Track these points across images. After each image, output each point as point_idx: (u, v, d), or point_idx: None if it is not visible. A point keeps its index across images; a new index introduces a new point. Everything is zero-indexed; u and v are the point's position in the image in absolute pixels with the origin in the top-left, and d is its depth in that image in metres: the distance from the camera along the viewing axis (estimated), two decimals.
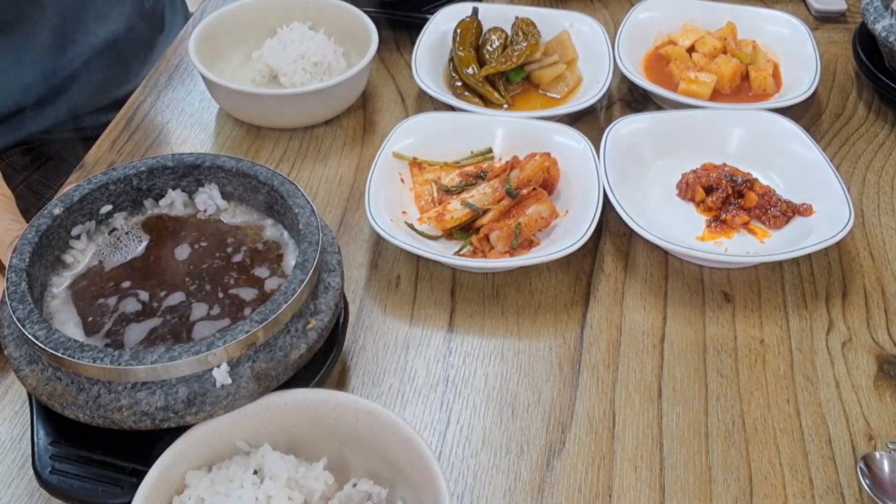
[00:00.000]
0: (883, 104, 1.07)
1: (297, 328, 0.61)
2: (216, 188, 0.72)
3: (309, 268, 0.62)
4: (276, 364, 0.59)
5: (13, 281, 0.60)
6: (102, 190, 0.69)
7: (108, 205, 0.70)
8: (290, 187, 0.69)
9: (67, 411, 0.57)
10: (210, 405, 0.57)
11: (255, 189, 0.71)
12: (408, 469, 0.59)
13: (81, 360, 0.55)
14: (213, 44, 1.03)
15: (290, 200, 0.68)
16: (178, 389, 0.57)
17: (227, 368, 0.57)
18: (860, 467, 0.67)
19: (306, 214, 0.66)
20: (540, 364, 0.76)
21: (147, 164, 0.71)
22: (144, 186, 0.71)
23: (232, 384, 0.57)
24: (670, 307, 0.81)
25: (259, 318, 0.58)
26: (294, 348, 0.60)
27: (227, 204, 0.73)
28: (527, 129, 0.94)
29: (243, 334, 0.57)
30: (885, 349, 0.78)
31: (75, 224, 0.68)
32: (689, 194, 0.91)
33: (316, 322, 0.62)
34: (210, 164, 0.71)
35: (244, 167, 0.71)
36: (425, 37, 1.07)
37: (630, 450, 0.69)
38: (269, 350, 0.59)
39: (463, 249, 0.84)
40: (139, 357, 0.56)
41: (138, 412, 0.57)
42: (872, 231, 0.89)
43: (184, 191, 0.73)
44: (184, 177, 0.72)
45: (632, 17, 1.12)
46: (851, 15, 1.23)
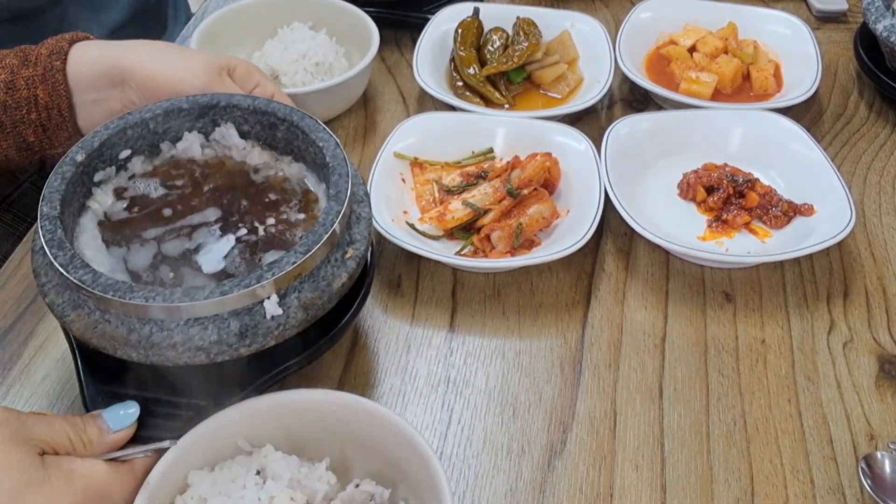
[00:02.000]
0: (884, 104, 1.07)
1: (336, 258, 0.62)
2: (233, 127, 0.72)
3: (343, 198, 0.63)
4: (320, 293, 0.60)
5: (48, 229, 0.60)
6: (120, 134, 0.68)
7: (127, 149, 0.70)
8: (310, 122, 0.69)
9: (119, 352, 0.58)
10: (262, 336, 0.58)
11: (273, 126, 0.71)
12: (410, 469, 0.59)
13: (133, 300, 0.55)
14: (215, 44, 1.03)
15: (313, 135, 0.68)
16: (230, 323, 0.57)
17: (277, 300, 0.58)
18: (861, 467, 0.67)
19: (331, 147, 0.67)
20: (541, 364, 0.76)
21: (162, 106, 0.70)
22: (161, 129, 0.71)
23: (282, 314, 0.58)
24: (671, 307, 0.81)
25: (302, 249, 0.59)
26: (336, 277, 0.61)
27: (245, 143, 0.72)
28: (528, 129, 0.94)
29: (290, 265, 0.58)
30: (886, 349, 0.78)
31: (96, 170, 0.68)
32: (690, 194, 0.91)
33: (353, 251, 0.63)
34: (226, 104, 0.71)
35: (260, 104, 0.71)
36: (426, 37, 1.07)
37: (631, 450, 0.69)
38: (313, 280, 0.60)
39: (464, 249, 0.84)
40: (191, 294, 0.56)
41: (192, 348, 0.57)
42: (874, 231, 0.89)
43: (200, 132, 0.72)
44: (199, 118, 0.72)
45: (633, 16, 1.12)
46: (853, 15, 1.22)
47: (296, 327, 0.60)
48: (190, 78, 0.74)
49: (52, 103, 0.75)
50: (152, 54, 0.76)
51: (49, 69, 0.74)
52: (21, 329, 0.77)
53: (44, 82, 0.74)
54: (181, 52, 0.78)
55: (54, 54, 0.75)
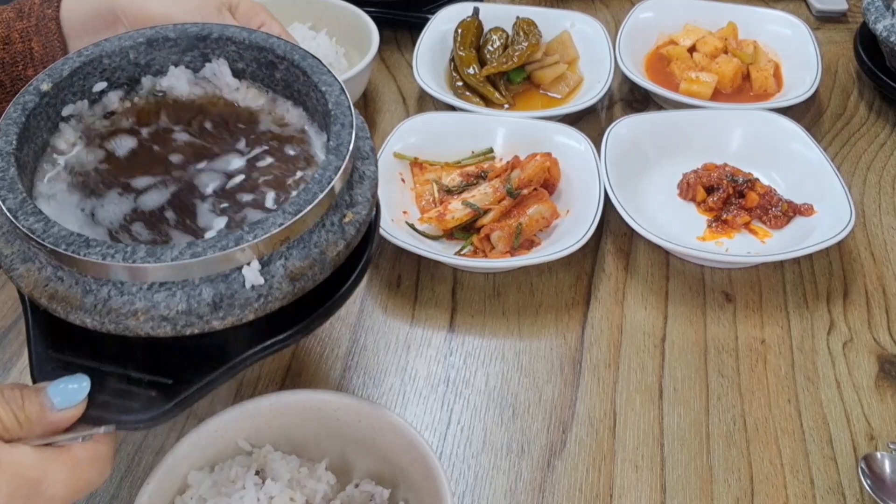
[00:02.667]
0: (884, 104, 1.07)
1: (332, 221, 0.53)
2: (225, 64, 0.63)
3: (344, 153, 0.53)
4: (311, 262, 0.52)
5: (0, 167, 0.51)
6: (95, 63, 0.59)
7: (102, 81, 0.61)
8: (313, 62, 0.60)
9: (72, 316, 0.50)
10: (239, 308, 0.50)
11: (271, 65, 0.62)
12: (410, 470, 0.59)
13: (88, 256, 0.47)
14: None
15: (316, 77, 0.59)
16: (202, 290, 0.49)
17: (259, 266, 0.50)
18: (861, 467, 0.67)
19: (335, 93, 0.57)
20: (541, 364, 0.76)
21: (145, 34, 0.61)
22: (143, 61, 0.62)
23: (264, 284, 0.50)
24: (671, 307, 0.81)
25: (293, 209, 0.50)
26: (331, 244, 0.53)
27: (238, 83, 0.63)
28: (528, 129, 0.94)
29: (276, 227, 0.49)
30: (886, 349, 0.78)
31: (65, 103, 0.59)
32: (690, 194, 0.91)
33: (353, 215, 0.54)
34: (218, 36, 0.62)
35: (258, 39, 0.61)
36: (426, 37, 1.07)
37: (631, 450, 0.69)
38: (303, 246, 0.52)
39: (464, 249, 0.84)
40: (156, 253, 0.47)
41: (156, 317, 0.49)
42: (873, 231, 0.89)
43: (188, 67, 0.63)
44: (187, 51, 0.62)
45: (633, 16, 1.12)
46: (852, 15, 1.23)
47: (279, 300, 0.51)
48: (186, 14, 0.67)
49: (46, 56, 0.69)
50: None
51: (42, 18, 0.69)
52: (21, 329, 0.77)
53: (38, 34, 0.69)
54: None
55: (46, 1, 0.70)
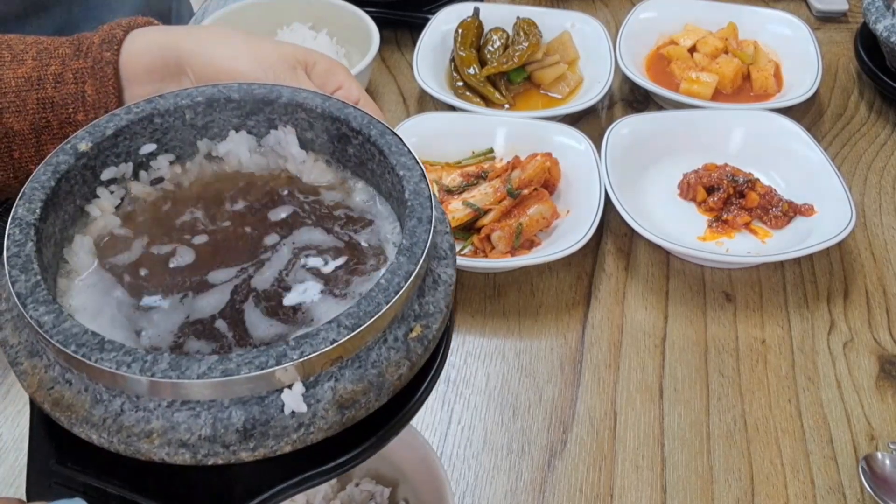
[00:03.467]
0: (884, 104, 1.07)
1: (396, 337, 0.45)
2: (293, 132, 0.55)
3: (418, 254, 0.45)
4: (366, 386, 0.43)
5: (16, 240, 0.44)
6: (145, 123, 0.52)
7: (152, 143, 0.53)
8: (392, 140, 0.51)
9: (77, 429, 0.43)
10: (274, 439, 0.41)
11: (344, 138, 0.54)
12: (410, 470, 0.59)
13: (99, 362, 0.40)
14: None
15: (393, 158, 0.50)
16: (231, 414, 0.42)
17: (302, 390, 0.42)
18: (862, 467, 0.67)
19: (415, 179, 0.48)
20: (541, 364, 0.76)
21: (205, 93, 0.53)
22: (200, 123, 0.54)
23: (307, 412, 0.42)
24: (672, 307, 0.81)
25: (350, 322, 0.41)
26: (392, 364, 0.44)
27: (306, 155, 0.55)
28: (528, 129, 0.94)
29: (328, 344, 0.41)
30: (886, 349, 0.78)
31: (107, 165, 0.51)
32: (690, 194, 0.91)
33: (422, 329, 0.46)
34: (288, 100, 0.54)
35: (332, 107, 0.53)
36: (427, 37, 1.07)
37: (631, 450, 0.69)
38: (358, 366, 0.43)
39: (464, 249, 0.84)
40: (181, 366, 0.41)
41: (174, 441, 0.41)
42: (874, 231, 0.89)
43: (250, 133, 0.55)
44: (252, 114, 0.55)
45: (633, 17, 1.12)
46: (853, 15, 1.22)
47: (324, 430, 0.42)
48: (256, 70, 0.62)
49: (99, 101, 0.64)
50: (216, 40, 0.64)
51: (98, 61, 0.63)
52: None
53: (92, 76, 0.63)
54: (251, 39, 0.65)
55: (106, 43, 0.64)
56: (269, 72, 0.63)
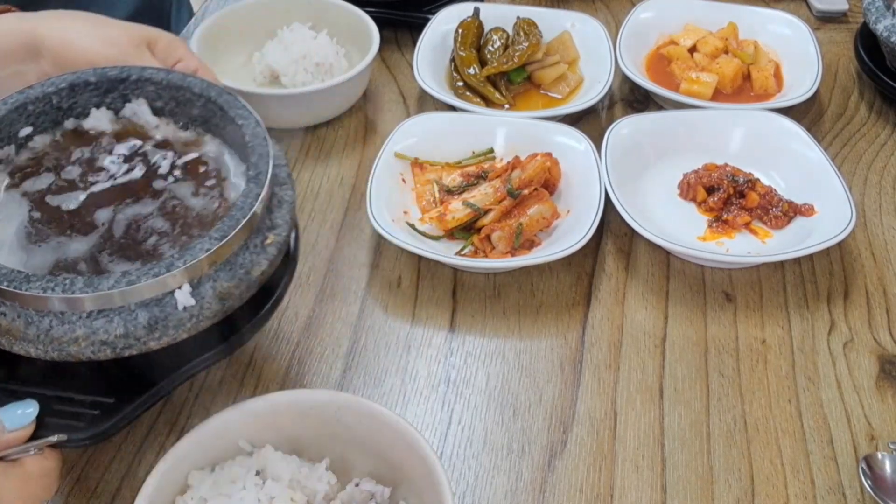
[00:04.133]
0: (885, 104, 1.07)
1: (255, 244, 0.58)
2: (145, 103, 0.67)
3: (263, 180, 0.59)
4: (238, 282, 0.56)
5: None
6: (21, 110, 0.63)
7: (28, 126, 0.65)
8: (228, 98, 0.65)
9: (17, 347, 0.54)
10: (173, 328, 0.54)
11: (188, 102, 0.66)
12: (410, 470, 0.59)
13: (30, 290, 0.51)
14: (215, 44, 1.03)
15: (232, 112, 0.64)
16: (137, 315, 0.53)
17: (189, 289, 0.54)
18: (862, 468, 0.67)
19: (251, 126, 0.63)
20: (541, 364, 0.76)
21: (67, 79, 0.65)
22: (66, 105, 0.66)
23: (195, 305, 0.54)
24: (672, 307, 0.81)
25: (218, 234, 0.55)
26: (255, 265, 0.58)
27: (158, 120, 0.68)
28: (528, 129, 0.94)
29: (203, 252, 0.54)
30: (886, 349, 0.78)
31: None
32: (690, 194, 0.91)
33: (274, 237, 0.59)
34: (137, 77, 0.66)
35: (175, 79, 0.66)
36: (427, 37, 1.07)
37: (631, 450, 0.69)
38: (230, 268, 0.56)
39: (464, 249, 0.84)
40: (94, 284, 0.52)
41: (97, 342, 0.53)
42: (874, 231, 0.89)
43: (109, 108, 0.67)
44: (108, 92, 0.66)
45: (633, 17, 1.12)
46: (853, 15, 1.22)
47: (210, 318, 0.56)
48: (106, 49, 0.69)
49: None
50: (68, 24, 0.71)
51: None
52: None
53: None
54: (100, 22, 0.73)
55: None
56: (119, 51, 0.70)
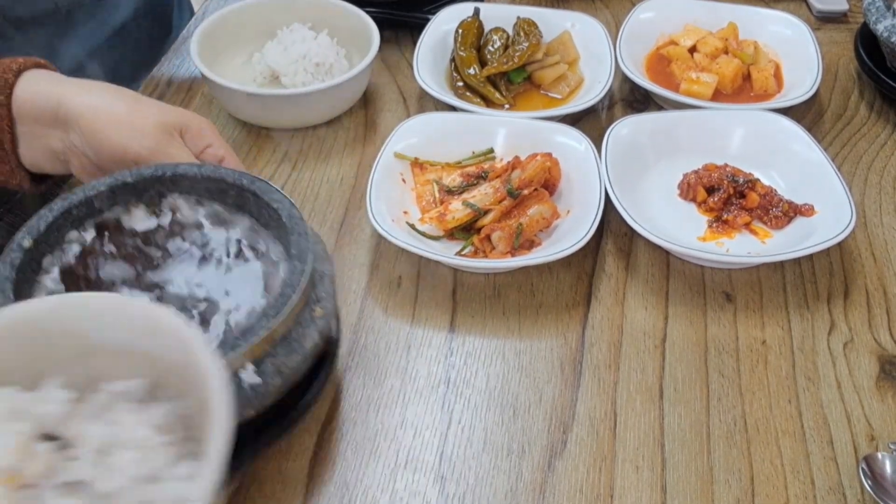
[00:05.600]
0: (885, 104, 1.07)
1: (305, 318, 0.61)
2: (180, 197, 0.70)
3: (305, 257, 0.62)
4: (294, 356, 0.59)
5: None
6: (66, 216, 0.66)
7: (73, 230, 0.67)
8: (261, 185, 0.67)
9: None
10: (241, 408, 0.56)
11: (222, 192, 0.69)
12: (169, 358, 0.51)
13: None
14: (215, 44, 1.03)
15: (266, 197, 0.67)
16: None
17: (253, 368, 0.57)
18: (862, 468, 0.67)
19: (286, 208, 0.66)
20: (541, 364, 0.76)
21: (106, 182, 0.67)
22: (106, 206, 0.68)
23: (260, 383, 0.57)
24: (672, 307, 0.81)
25: (274, 311, 0.58)
26: (308, 337, 0.61)
27: (193, 211, 0.71)
28: (528, 130, 0.94)
29: (264, 331, 0.57)
30: (886, 350, 0.78)
31: (44, 255, 0.65)
32: (690, 194, 0.91)
33: (321, 309, 0.63)
34: (172, 174, 0.69)
35: (208, 172, 0.69)
36: (427, 37, 1.07)
37: (631, 450, 0.69)
38: (286, 343, 0.59)
39: (464, 250, 0.84)
40: None
41: None
42: (874, 231, 0.89)
43: (146, 205, 0.70)
44: (145, 191, 0.69)
45: (633, 17, 1.12)
46: (853, 15, 1.22)
47: (274, 394, 0.59)
48: (137, 140, 0.71)
49: None
50: (101, 105, 0.73)
51: None
52: None
53: None
54: (132, 107, 0.74)
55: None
56: (150, 141, 0.72)
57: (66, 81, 0.75)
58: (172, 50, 1.15)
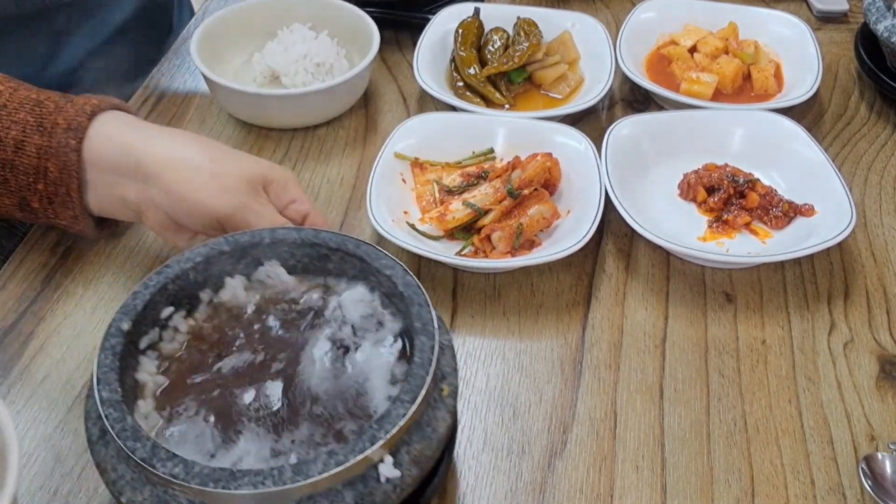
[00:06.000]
0: (885, 104, 1.07)
1: (434, 398, 0.55)
2: (277, 264, 0.64)
3: (432, 331, 0.56)
4: (429, 442, 0.53)
5: (116, 418, 0.52)
6: (162, 292, 0.61)
7: (169, 307, 0.62)
8: (368, 249, 0.62)
9: None
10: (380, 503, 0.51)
11: (323, 258, 0.64)
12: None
13: (240, 488, 0.48)
14: (215, 44, 1.03)
15: (376, 262, 0.61)
16: (344, 496, 0.50)
17: (391, 460, 0.51)
18: (862, 468, 0.67)
19: (400, 274, 0.60)
20: (541, 364, 0.76)
21: (202, 252, 0.62)
22: (201, 278, 0.63)
23: (398, 475, 0.51)
24: (672, 307, 0.81)
25: (409, 397, 0.52)
26: (440, 420, 0.54)
27: (292, 279, 0.65)
28: (528, 130, 0.94)
29: (402, 419, 0.51)
30: (886, 350, 0.78)
31: (142, 336, 0.60)
32: (690, 194, 0.91)
33: (448, 387, 0.57)
34: (270, 240, 0.63)
35: (308, 236, 0.63)
36: (427, 37, 1.07)
37: (632, 450, 0.69)
38: (419, 429, 0.53)
39: (464, 250, 0.84)
40: (304, 471, 0.49)
41: None
42: (874, 231, 0.89)
43: (242, 274, 0.64)
44: (241, 259, 0.64)
45: (633, 17, 1.12)
46: (853, 15, 1.22)
47: (411, 486, 0.53)
48: (221, 198, 0.67)
49: (60, 180, 0.69)
50: (184, 160, 0.69)
51: (63, 145, 0.68)
52: (21, 329, 0.77)
53: (55, 157, 0.68)
54: (216, 161, 0.70)
55: (71, 130, 0.68)
56: (234, 199, 0.68)
57: (145, 129, 0.71)
58: (172, 50, 1.15)
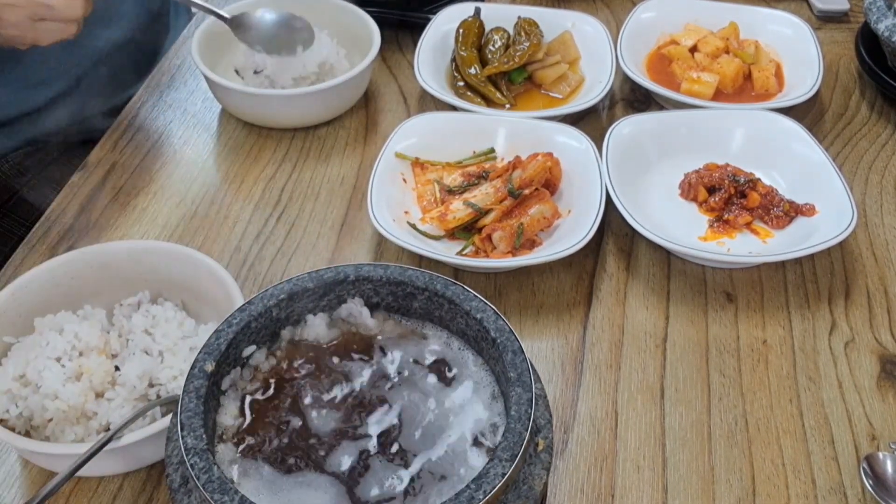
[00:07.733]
0: (885, 104, 1.07)
1: (530, 454, 0.52)
2: (361, 303, 0.62)
3: (528, 381, 0.53)
4: (524, 500, 0.51)
5: (202, 468, 0.49)
6: (245, 331, 0.58)
7: (251, 345, 0.59)
8: (457, 290, 0.59)
9: None
10: None
11: (409, 297, 0.61)
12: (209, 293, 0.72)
13: None
14: (215, 44, 1.03)
15: (465, 305, 0.58)
16: None
17: None
18: (863, 467, 0.67)
19: (491, 318, 0.57)
20: (542, 364, 0.76)
21: (285, 289, 0.60)
22: (283, 315, 0.61)
23: None
24: (673, 307, 0.81)
25: (507, 455, 0.49)
26: (536, 477, 0.52)
27: (374, 319, 0.62)
28: (529, 129, 0.94)
29: (500, 478, 0.48)
30: (887, 349, 0.78)
31: (223, 376, 0.57)
32: (691, 194, 0.91)
33: (543, 441, 0.54)
34: (355, 277, 0.61)
35: (394, 274, 0.60)
36: (427, 37, 1.07)
37: (633, 450, 0.69)
38: (515, 487, 0.51)
39: (465, 249, 0.84)
40: None
41: None
42: (875, 231, 0.89)
43: (323, 311, 0.62)
44: (324, 296, 0.62)
45: (634, 16, 1.12)
46: (854, 15, 1.22)
47: None
48: None
49: None
50: None
51: None
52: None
53: None
54: None
55: None
56: None
57: None
58: (173, 50, 1.15)
